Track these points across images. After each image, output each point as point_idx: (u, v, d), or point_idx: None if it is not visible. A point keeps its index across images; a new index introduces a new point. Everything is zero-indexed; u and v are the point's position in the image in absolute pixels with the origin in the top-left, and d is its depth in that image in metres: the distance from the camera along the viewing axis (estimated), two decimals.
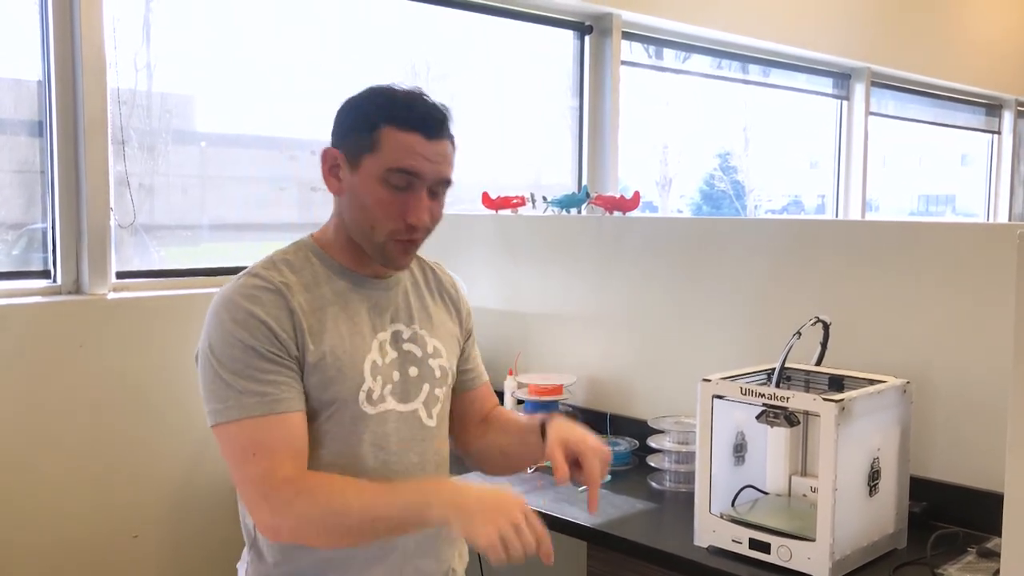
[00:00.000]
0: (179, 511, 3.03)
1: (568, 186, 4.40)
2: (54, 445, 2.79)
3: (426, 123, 1.47)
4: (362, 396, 1.49)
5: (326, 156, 1.53)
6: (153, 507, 2.99)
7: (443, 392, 1.62)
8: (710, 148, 5.60)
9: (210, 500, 3.08)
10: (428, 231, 1.52)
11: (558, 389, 2.94)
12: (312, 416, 1.47)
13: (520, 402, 2.98)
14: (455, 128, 1.57)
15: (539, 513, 2.28)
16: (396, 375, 1.54)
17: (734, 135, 5.70)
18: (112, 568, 2.91)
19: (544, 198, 3.31)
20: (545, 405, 2.92)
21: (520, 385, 3.02)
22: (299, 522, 1.39)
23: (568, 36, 4.43)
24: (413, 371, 1.56)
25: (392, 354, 1.54)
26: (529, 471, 2.66)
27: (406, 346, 1.57)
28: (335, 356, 1.47)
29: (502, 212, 3.35)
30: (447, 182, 1.52)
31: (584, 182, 4.45)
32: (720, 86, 5.29)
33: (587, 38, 4.43)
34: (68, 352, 2.81)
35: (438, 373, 1.60)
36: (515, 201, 3.34)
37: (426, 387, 1.58)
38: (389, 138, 1.45)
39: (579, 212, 3.23)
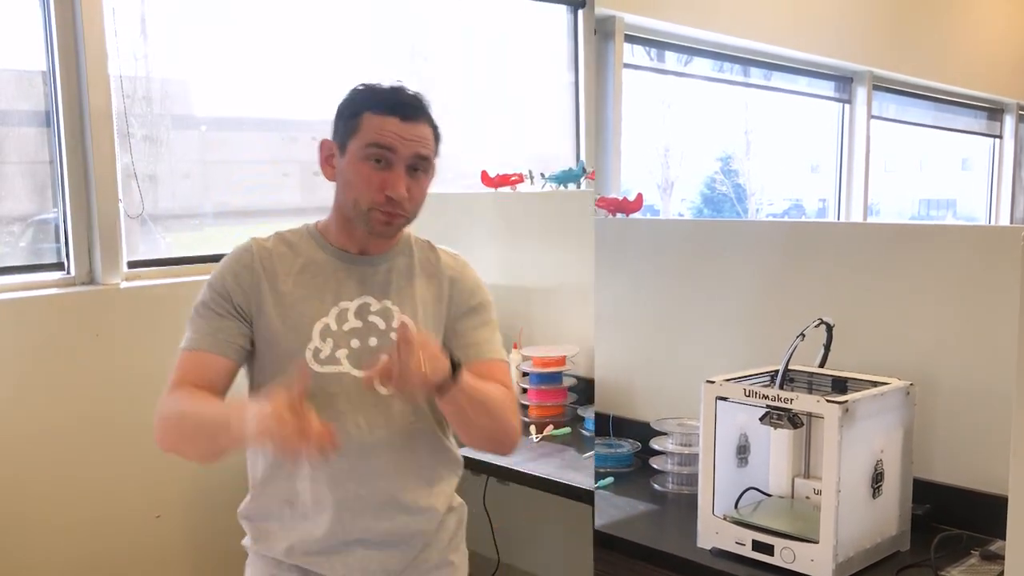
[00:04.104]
0: (200, 491, 3.14)
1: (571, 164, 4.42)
2: (75, 432, 2.88)
3: (402, 106, 1.62)
4: (308, 354, 1.64)
5: (322, 147, 1.69)
6: (175, 488, 3.09)
7: None
8: (712, 151, 5.58)
9: (230, 480, 3.15)
10: (410, 209, 1.65)
11: (561, 360, 3.03)
12: (265, 372, 1.67)
13: (525, 374, 3.08)
14: (437, 116, 1.71)
15: (543, 479, 2.42)
16: (355, 342, 1.66)
17: (736, 138, 5.66)
18: (137, 547, 3.03)
19: (542, 174, 3.36)
20: (549, 376, 3.02)
21: (524, 358, 3.11)
22: (161, 422, 1.61)
23: (562, 11, 4.42)
24: (373, 341, 1.67)
25: (354, 322, 1.67)
26: (535, 439, 2.75)
27: (371, 318, 1.69)
28: (286, 316, 1.65)
29: (501, 189, 3.40)
30: (424, 159, 1.64)
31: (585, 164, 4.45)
32: (722, 89, 5.24)
33: (579, 11, 4.41)
34: (85, 341, 2.89)
35: None
36: (513, 178, 3.39)
37: (384, 358, 1.61)
38: (369, 121, 1.61)
39: (577, 187, 3.28)
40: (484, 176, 3.40)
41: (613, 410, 2.93)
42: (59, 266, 3.00)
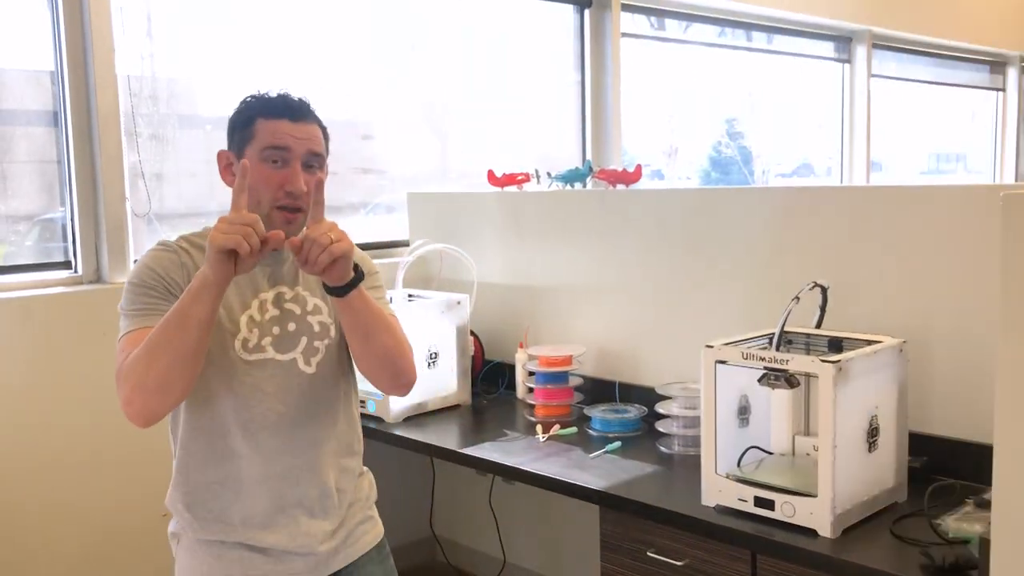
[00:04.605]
0: None
1: (575, 159, 4.45)
2: (82, 430, 2.89)
3: (290, 109, 1.75)
4: (238, 344, 1.74)
5: (220, 158, 1.80)
6: None
7: (323, 344, 1.82)
8: (717, 115, 5.65)
9: None
10: (308, 204, 1.72)
11: (567, 360, 3.00)
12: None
13: (531, 373, 3.05)
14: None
15: (549, 479, 2.41)
16: (276, 329, 1.77)
17: (739, 101, 5.75)
18: (143, 546, 3.01)
19: (548, 174, 3.36)
20: (555, 376, 3.00)
21: (531, 357, 3.08)
22: (130, 375, 1.61)
23: (568, 11, 4.48)
24: (292, 326, 1.79)
25: (273, 311, 1.78)
26: (541, 439, 2.74)
27: (287, 305, 1.80)
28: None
29: (508, 189, 3.41)
30: (316, 155, 1.76)
31: (588, 156, 4.50)
32: (724, 53, 5.33)
33: (586, 12, 4.48)
34: (92, 340, 2.90)
35: (317, 328, 1.81)
36: (520, 178, 3.40)
37: (304, 340, 1.79)
38: (262, 127, 1.73)
39: (583, 186, 3.28)
40: (491, 175, 3.42)
41: (619, 377, 3.00)
42: (66, 265, 3.03)
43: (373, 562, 1.94)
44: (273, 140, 1.71)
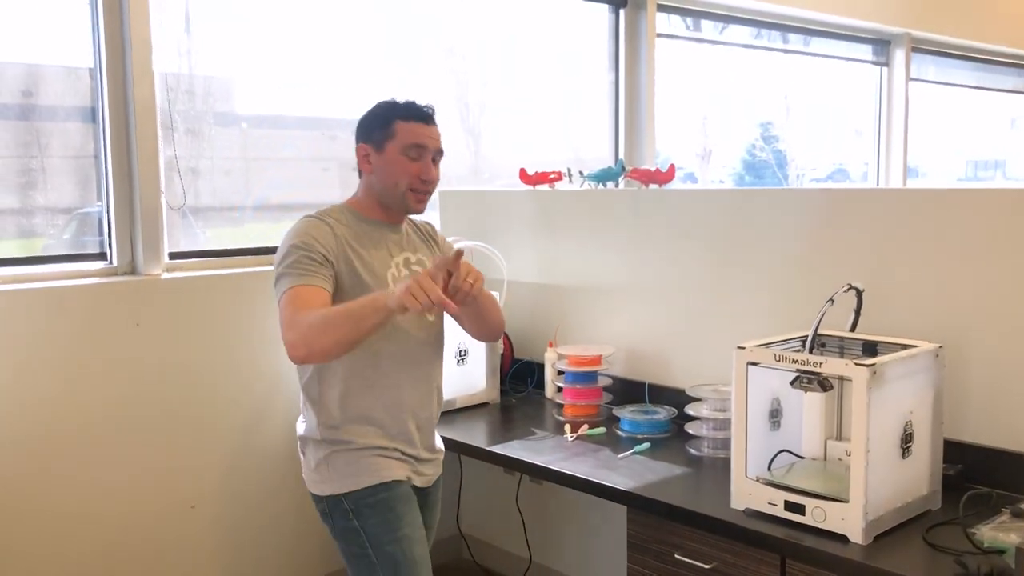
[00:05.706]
0: (234, 481, 3.15)
1: (608, 158, 4.44)
2: (114, 420, 2.91)
3: (423, 115, 2.28)
4: None
5: (359, 150, 2.29)
6: (209, 478, 3.10)
7: None
8: (751, 118, 5.61)
9: (264, 470, 3.19)
10: (433, 188, 2.29)
11: (597, 360, 3.00)
12: None
13: (560, 373, 3.05)
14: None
15: (577, 478, 2.42)
16: None
17: (775, 104, 5.70)
18: (172, 537, 3.04)
19: (580, 173, 3.35)
20: (585, 376, 2.99)
21: (560, 356, 3.08)
22: (304, 330, 2.00)
23: (603, 10, 4.47)
24: None
25: (405, 271, 2.28)
26: (569, 438, 2.74)
27: (414, 266, 2.31)
28: (369, 268, 2.23)
29: (540, 187, 3.40)
30: (440, 152, 2.30)
31: (621, 155, 4.49)
32: (760, 55, 5.29)
33: (621, 12, 4.47)
34: (125, 330, 2.93)
35: None
36: (552, 176, 3.39)
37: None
38: (402, 128, 2.24)
39: (616, 185, 3.27)
40: (523, 174, 3.41)
41: (649, 378, 3.00)
42: (101, 256, 3.06)
43: (441, 487, 2.49)
44: (414, 139, 2.22)
